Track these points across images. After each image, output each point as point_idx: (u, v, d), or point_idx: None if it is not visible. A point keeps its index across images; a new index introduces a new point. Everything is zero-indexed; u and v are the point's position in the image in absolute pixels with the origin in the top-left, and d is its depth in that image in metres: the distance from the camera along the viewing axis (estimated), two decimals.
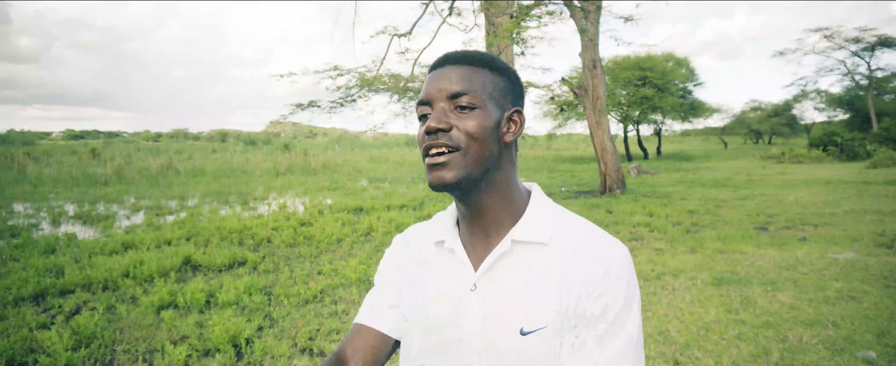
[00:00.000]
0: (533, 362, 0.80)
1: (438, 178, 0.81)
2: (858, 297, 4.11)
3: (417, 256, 0.96)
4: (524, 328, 0.81)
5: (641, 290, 4.61)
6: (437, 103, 0.84)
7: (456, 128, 0.82)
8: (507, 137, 0.86)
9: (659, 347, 3.26)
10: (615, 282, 0.80)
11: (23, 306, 4.57)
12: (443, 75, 0.84)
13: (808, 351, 3.11)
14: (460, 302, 0.86)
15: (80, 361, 3.35)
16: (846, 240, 6.65)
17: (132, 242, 7.09)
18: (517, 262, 0.85)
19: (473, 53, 0.88)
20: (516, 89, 0.91)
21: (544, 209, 0.89)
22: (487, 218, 0.87)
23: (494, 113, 0.84)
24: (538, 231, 0.85)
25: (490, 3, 6.35)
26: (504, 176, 0.87)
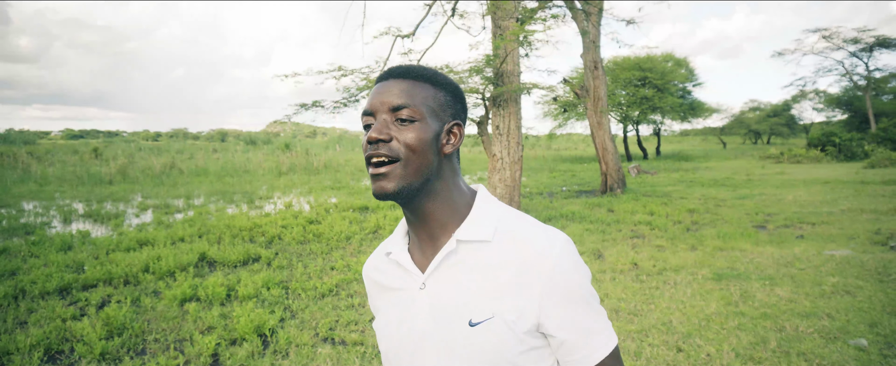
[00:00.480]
0: (484, 350, 0.85)
1: (380, 188, 0.86)
2: (853, 291, 4.30)
3: (377, 275, 1.01)
4: (473, 320, 0.85)
5: (643, 285, 4.80)
6: (379, 115, 0.88)
7: (396, 139, 0.86)
8: (447, 148, 0.91)
9: (662, 336, 3.45)
10: (570, 268, 0.85)
11: (49, 299, 4.75)
12: (386, 88, 0.89)
13: (803, 340, 3.29)
14: (412, 302, 0.92)
15: (113, 349, 3.53)
16: (842, 238, 6.84)
17: (147, 239, 7.27)
18: (462, 259, 0.89)
19: (416, 68, 0.92)
20: (457, 104, 0.94)
21: (488, 209, 0.93)
22: (432, 223, 0.92)
23: (433, 126, 0.89)
24: (481, 230, 0.89)
25: (497, 6, 6.52)
26: (445, 184, 0.91)
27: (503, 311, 0.84)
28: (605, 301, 4.31)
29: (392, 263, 0.97)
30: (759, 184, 14.27)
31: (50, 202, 12.41)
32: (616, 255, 6.04)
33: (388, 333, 0.95)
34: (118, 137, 75.40)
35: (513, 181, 6.86)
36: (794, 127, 46.42)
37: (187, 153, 31.89)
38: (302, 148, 36.26)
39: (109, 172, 19.10)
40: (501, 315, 0.84)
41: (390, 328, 0.94)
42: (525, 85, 7.05)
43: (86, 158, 27.83)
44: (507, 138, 6.74)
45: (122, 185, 16.93)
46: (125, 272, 5.47)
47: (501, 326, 0.84)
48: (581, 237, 7.18)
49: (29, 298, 4.79)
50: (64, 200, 13.05)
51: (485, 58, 6.65)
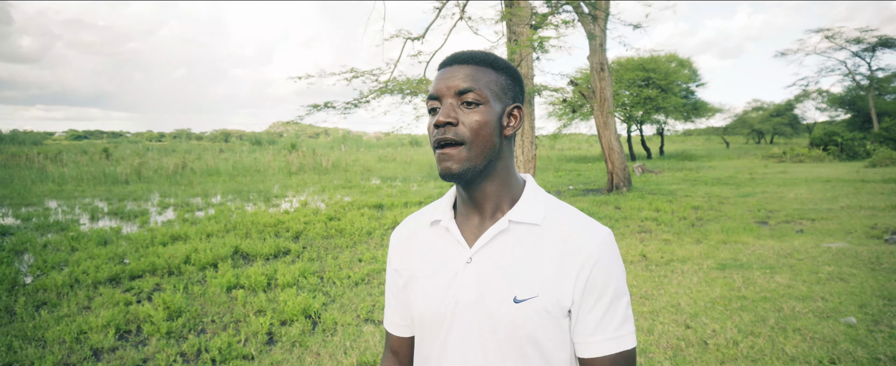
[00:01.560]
0: (525, 327, 0.88)
1: (446, 169, 0.90)
2: (846, 278, 4.67)
3: (414, 241, 1.04)
4: (517, 297, 0.89)
5: (652, 274, 5.17)
6: (445, 99, 0.92)
7: (462, 123, 0.90)
8: (508, 130, 0.95)
9: (672, 315, 3.83)
10: (609, 260, 0.89)
11: (102, 287, 5.14)
12: (451, 73, 0.93)
13: (799, 318, 3.67)
14: (456, 275, 0.94)
15: (177, 329, 3.92)
16: (840, 232, 7.19)
17: (179, 234, 7.67)
18: (511, 239, 0.93)
19: (478, 54, 0.95)
20: (516, 86, 0.98)
21: (538, 195, 0.98)
22: (488, 202, 0.96)
23: (497, 108, 0.92)
24: (532, 213, 0.93)
25: (512, 13, 6.90)
26: (504, 165, 0.96)
27: (546, 291, 0.88)
28: None
29: (438, 231, 1.00)
30: (761, 182, 14.61)
31: (73, 201, 12.82)
32: (625, 247, 6.41)
33: (428, 300, 0.97)
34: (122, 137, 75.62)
35: None
36: (798, 127, 46.62)
37: (195, 153, 32.29)
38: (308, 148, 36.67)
39: (125, 172, 19.51)
40: (544, 295, 0.88)
41: (432, 296, 0.97)
42: (538, 87, 7.43)
43: (96, 159, 28.26)
44: (521, 138, 7.12)
45: (138, 184, 17.33)
46: (167, 264, 5.86)
47: (543, 305, 0.88)
48: None
49: (83, 286, 5.18)
50: (85, 198, 13.45)
51: None
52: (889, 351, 3.07)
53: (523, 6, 6.98)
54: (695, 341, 3.37)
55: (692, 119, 30.90)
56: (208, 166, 23.01)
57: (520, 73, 1.01)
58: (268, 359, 3.40)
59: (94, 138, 70.70)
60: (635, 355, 0.92)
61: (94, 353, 3.60)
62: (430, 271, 0.98)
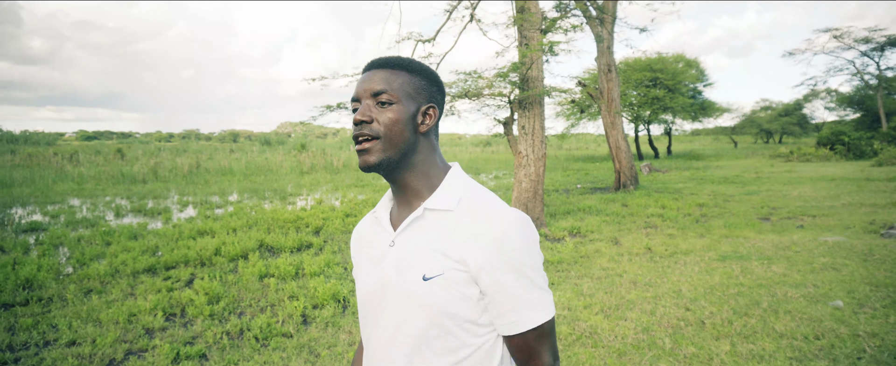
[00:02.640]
0: (434, 302, 0.96)
1: (364, 161, 1.00)
2: (839, 268, 4.96)
3: (363, 231, 1.16)
4: (426, 275, 0.96)
5: (656, 264, 5.49)
6: (364, 100, 1.01)
7: (376, 120, 0.99)
8: (422, 127, 1.03)
9: (673, 300, 4.15)
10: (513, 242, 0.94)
11: (141, 276, 5.53)
12: (369, 77, 1.02)
13: (790, 302, 3.98)
14: (382, 256, 1.04)
15: (218, 311, 4.29)
16: (839, 227, 7.47)
17: (204, 229, 8.05)
18: (427, 224, 1.01)
19: (394, 59, 1.04)
20: (432, 87, 1.06)
21: (456, 183, 1.04)
22: (409, 192, 1.04)
23: (410, 107, 1.01)
24: (446, 201, 1.00)
25: (523, 18, 7.23)
26: (422, 158, 1.03)
27: (451, 270, 0.95)
28: (623, 277, 5.01)
29: (375, 222, 1.11)
30: (767, 181, 14.84)
31: (95, 199, 13.26)
32: (631, 241, 6.72)
33: (361, 282, 1.08)
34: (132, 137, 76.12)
35: (537, 176, 7.56)
36: (806, 126, 46.54)
37: (206, 153, 32.79)
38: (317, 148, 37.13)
39: (142, 171, 19.97)
40: (449, 273, 0.95)
41: (364, 278, 1.08)
42: (548, 89, 7.76)
43: (110, 159, 28.80)
44: (532, 137, 7.45)
45: (155, 183, 17.78)
46: (199, 255, 6.24)
47: (448, 282, 0.95)
48: (599, 227, 7.87)
49: (123, 275, 5.57)
50: (106, 197, 13.89)
51: (512, 65, 7.35)
52: (869, 329, 3.38)
53: (534, 11, 7.31)
54: (693, 321, 3.70)
55: (700, 119, 31.06)
56: (221, 166, 23.44)
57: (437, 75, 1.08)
58: (306, 336, 3.75)
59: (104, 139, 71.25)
60: (552, 325, 0.99)
61: (146, 331, 3.97)
62: (365, 256, 1.10)
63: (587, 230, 7.66)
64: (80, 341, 3.77)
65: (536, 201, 7.69)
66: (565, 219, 8.70)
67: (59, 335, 3.88)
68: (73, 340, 3.78)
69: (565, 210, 9.69)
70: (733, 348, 3.20)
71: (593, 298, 4.35)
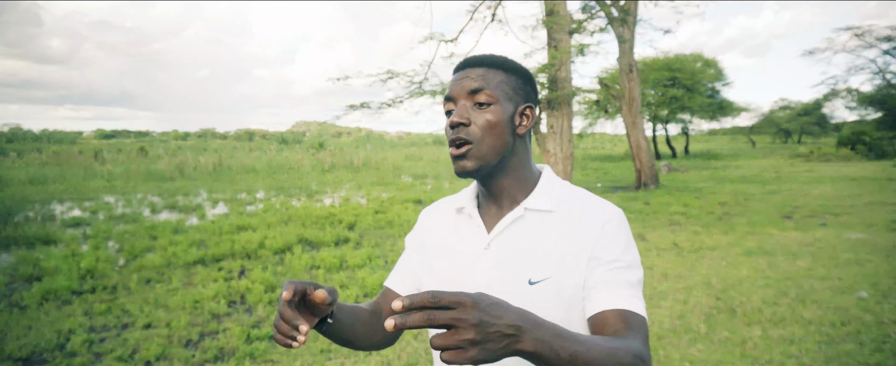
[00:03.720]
0: (538, 307, 0.90)
1: (461, 166, 0.95)
2: (863, 263, 5.16)
3: (440, 223, 1.09)
4: (532, 279, 0.92)
5: (684, 259, 5.71)
6: (459, 100, 0.96)
7: (474, 123, 0.94)
8: (520, 129, 0.98)
9: (704, 290, 4.39)
10: (616, 233, 0.92)
11: (193, 268, 5.87)
12: (464, 76, 0.97)
13: (817, 293, 4.20)
14: (473, 259, 0.99)
15: (276, 298, 4.60)
16: (862, 226, 7.62)
17: (243, 224, 8.41)
18: (527, 225, 0.97)
19: (489, 57, 0.99)
20: (528, 86, 1.01)
21: (553, 183, 1.02)
22: (504, 195, 1.00)
23: (508, 108, 0.96)
24: (546, 201, 0.97)
25: (552, 21, 7.48)
26: (518, 161, 1.00)
27: (559, 273, 0.92)
28: (653, 270, 5.25)
29: (462, 218, 1.05)
30: (787, 180, 14.92)
31: (127, 196, 13.71)
32: (657, 237, 6.95)
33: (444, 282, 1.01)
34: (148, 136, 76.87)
35: (565, 174, 7.81)
36: (826, 126, 46.03)
37: (226, 152, 33.34)
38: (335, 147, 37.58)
39: (169, 169, 20.49)
40: (557, 276, 0.92)
41: (448, 277, 1.01)
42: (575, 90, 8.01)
43: (132, 157, 29.44)
44: (560, 136, 7.70)
45: (182, 181, 18.25)
46: (244, 249, 6.58)
47: (557, 286, 0.92)
48: None
49: (176, 267, 5.91)
50: (137, 194, 14.34)
51: (541, 66, 7.61)
52: (892, 317, 3.60)
53: (563, 14, 7.56)
54: (724, 309, 3.94)
55: (718, 118, 31.00)
56: (243, 164, 23.91)
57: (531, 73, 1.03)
58: None
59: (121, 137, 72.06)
60: (646, 326, 0.88)
61: (213, 316, 4.29)
62: (450, 253, 1.03)
63: None
64: (155, 323, 4.11)
65: None
66: None
67: (134, 319, 4.21)
68: (148, 323, 4.12)
69: None
70: (765, 332, 3.44)
71: None
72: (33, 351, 3.61)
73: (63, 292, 4.88)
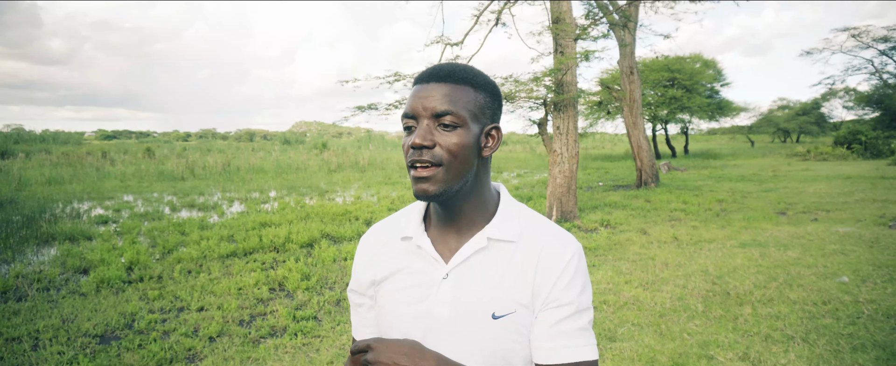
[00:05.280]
0: (503, 342, 0.90)
1: (422, 190, 0.89)
2: (848, 253, 5.62)
3: (384, 254, 1.01)
4: (496, 313, 0.90)
5: (683, 250, 6.17)
6: (422, 120, 0.89)
7: (439, 145, 0.88)
8: (485, 151, 0.94)
9: (701, 276, 4.85)
10: (575, 275, 0.91)
11: (227, 260, 6.32)
12: (428, 92, 0.89)
13: (803, 278, 4.65)
14: (430, 290, 0.94)
15: (312, 286, 5.06)
16: (851, 220, 8.07)
17: (265, 221, 8.86)
18: (488, 256, 0.93)
19: (458, 71, 0.92)
20: (495, 104, 0.95)
21: (513, 210, 0.97)
22: (463, 219, 0.95)
23: (474, 129, 0.90)
24: (508, 231, 0.93)
25: (559, 28, 7.93)
26: (479, 184, 0.95)
27: (523, 307, 0.90)
28: (655, 260, 5.70)
29: (409, 247, 0.98)
30: (783, 179, 15.38)
31: (144, 195, 14.16)
32: (658, 232, 7.41)
33: (399, 317, 0.96)
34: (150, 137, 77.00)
35: (570, 173, 8.27)
36: (824, 125, 46.46)
37: (230, 152, 33.76)
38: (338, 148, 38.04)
39: (180, 169, 20.93)
40: (521, 310, 0.90)
41: (402, 310, 0.96)
42: (580, 92, 8.46)
43: (139, 158, 29.86)
44: (566, 137, 8.16)
45: (194, 181, 18.68)
46: (272, 242, 7.03)
47: (520, 320, 0.90)
48: (627, 220, 8.55)
49: (212, 259, 6.37)
50: (153, 193, 14.78)
51: (548, 70, 8.06)
52: (869, 297, 4.06)
53: (569, 21, 8.01)
54: (720, 292, 4.39)
55: (717, 118, 31.46)
56: (251, 165, 24.33)
57: (498, 88, 0.98)
58: None
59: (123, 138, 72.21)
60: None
61: (258, 301, 4.75)
62: (401, 286, 0.97)
63: (616, 222, 8.35)
64: (207, 307, 4.56)
65: (570, 196, 8.40)
66: (595, 213, 9.38)
67: (186, 303, 4.67)
68: (201, 306, 4.57)
69: (593, 205, 10.37)
70: (754, 310, 3.90)
71: (631, 275, 5.06)
72: (105, 330, 4.07)
73: (115, 281, 5.33)
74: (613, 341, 3.47)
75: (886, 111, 36.48)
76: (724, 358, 3.08)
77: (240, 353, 3.57)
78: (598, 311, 4.11)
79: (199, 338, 3.85)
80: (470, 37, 14.09)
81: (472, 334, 0.90)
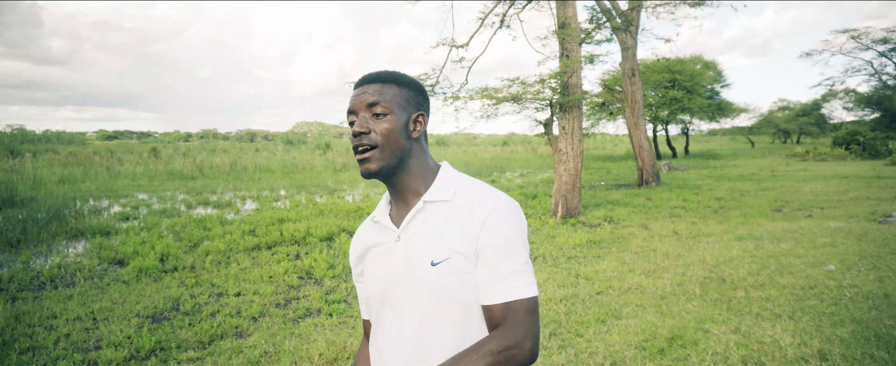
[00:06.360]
0: (443, 285, 1.06)
1: (365, 169, 1.09)
2: (837, 245, 6.00)
3: (365, 235, 1.23)
4: (433, 260, 1.06)
5: (683, 243, 6.55)
6: (360, 113, 1.11)
7: (374, 131, 1.09)
8: (414, 133, 1.14)
9: (699, 265, 5.23)
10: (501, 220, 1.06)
11: (253, 252, 6.70)
12: (362, 91, 1.12)
13: (793, 266, 5.04)
14: (390, 251, 1.13)
15: (338, 274, 5.44)
16: (843, 217, 8.45)
17: (282, 217, 9.24)
18: (428, 215, 1.11)
19: (383, 73, 1.14)
20: (419, 97, 1.16)
21: (450, 177, 1.16)
22: (406, 192, 1.15)
23: (402, 117, 1.11)
24: (442, 192, 1.11)
25: (565, 33, 8.32)
26: (416, 161, 1.14)
27: (456, 253, 1.05)
28: (656, 252, 6.08)
29: (377, 225, 1.18)
30: (781, 178, 15.76)
31: (159, 194, 14.53)
32: (660, 227, 7.79)
33: (372, 279, 1.16)
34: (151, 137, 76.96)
35: (575, 170, 8.65)
36: (824, 126, 46.81)
37: (234, 153, 34.10)
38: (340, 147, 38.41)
39: (189, 169, 21.31)
40: (455, 257, 1.05)
41: (374, 275, 1.15)
42: (584, 94, 8.85)
43: (145, 158, 30.23)
44: (571, 137, 8.54)
45: (204, 180, 19.05)
46: (293, 236, 7.42)
47: (454, 265, 1.05)
48: (629, 216, 8.94)
49: (237, 251, 6.75)
50: (165, 192, 15.15)
51: (554, 73, 8.45)
52: (852, 282, 4.44)
53: (574, 26, 8.40)
54: (716, 278, 4.78)
55: (717, 119, 31.83)
56: (257, 164, 24.70)
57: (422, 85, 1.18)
58: None
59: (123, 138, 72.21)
60: (535, 305, 1.05)
61: (290, 287, 5.13)
62: (372, 257, 1.17)
63: (619, 218, 8.74)
64: (244, 292, 4.95)
65: (575, 193, 8.78)
66: (598, 210, 9.77)
67: (224, 290, 5.06)
68: (238, 292, 4.96)
69: (596, 203, 10.76)
70: (747, 294, 4.28)
71: (634, 265, 5.45)
72: (154, 311, 4.46)
73: (152, 270, 5.72)
74: (619, 319, 3.85)
75: (886, 112, 36.84)
76: (718, 331, 3.46)
77: (283, 330, 3.96)
78: (604, 294, 4.50)
79: (242, 318, 4.24)
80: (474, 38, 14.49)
81: (419, 280, 1.07)
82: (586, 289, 4.65)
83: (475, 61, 15.05)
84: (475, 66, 14.39)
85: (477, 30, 13.47)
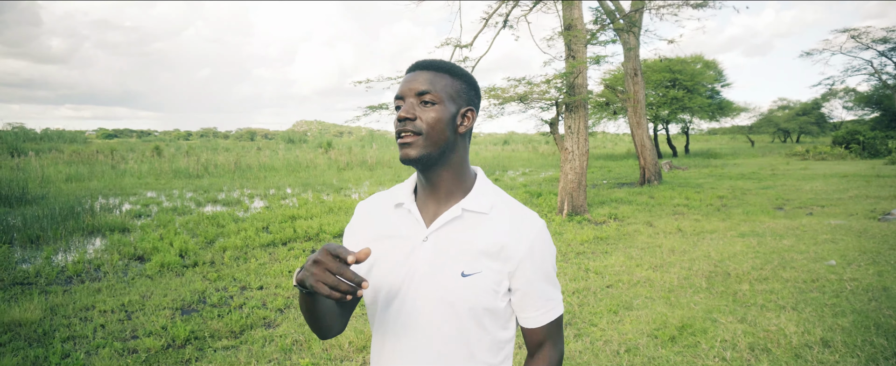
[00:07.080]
0: (469, 298, 1.06)
1: (405, 154, 1.07)
2: (837, 241, 6.18)
3: (379, 215, 1.19)
4: (464, 272, 1.06)
5: (687, 239, 6.73)
6: (408, 99, 1.09)
7: (420, 118, 1.06)
8: (461, 128, 1.11)
9: (704, 260, 5.42)
10: (542, 248, 1.10)
11: (268, 248, 6.88)
12: (413, 77, 1.10)
13: (795, 261, 5.22)
14: (413, 250, 1.10)
15: None
16: (844, 215, 8.64)
17: (293, 214, 9.42)
18: (463, 224, 1.10)
19: (437, 62, 1.12)
20: (471, 92, 1.14)
21: (487, 187, 1.15)
22: (442, 189, 1.12)
23: (451, 108, 1.09)
24: (482, 203, 1.11)
25: (571, 35, 8.50)
26: (457, 158, 1.12)
27: (488, 270, 1.06)
28: (661, 247, 6.27)
29: (401, 212, 1.15)
30: (782, 177, 15.94)
31: (167, 192, 14.70)
32: (664, 224, 7.97)
33: (386, 272, 1.12)
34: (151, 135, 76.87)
35: (581, 169, 8.84)
36: (824, 125, 46.94)
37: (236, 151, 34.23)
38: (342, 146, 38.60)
39: (195, 167, 21.47)
40: (487, 273, 1.06)
41: (388, 268, 1.11)
42: (589, 93, 9.03)
43: (148, 156, 30.38)
44: (577, 136, 8.72)
45: (210, 178, 19.20)
46: (306, 232, 7.60)
47: (486, 280, 1.06)
48: (633, 214, 9.12)
49: (253, 247, 6.93)
50: (173, 190, 15.32)
51: (560, 74, 8.63)
52: (852, 276, 4.62)
53: (579, 28, 8.58)
54: (721, 273, 4.96)
55: (717, 118, 32.01)
56: (262, 163, 24.85)
57: (476, 80, 1.16)
58: None
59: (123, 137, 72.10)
60: (562, 319, 1.16)
61: None
62: (389, 246, 1.12)
63: (623, 216, 8.92)
64: (266, 286, 5.13)
65: (580, 191, 8.96)
66: (602, 207, 9.95)
67: (247, 283, 5.24)
68: (260, 285, 5.14)
69: (600, 201, 10.94)
70: (751, 287, 4.47)
71: (641, 260, 5.63)
72: (182, 304, 4.64)
73: (174, 265, 5.90)
74: (630, 310, 4.03)
75: (885, 112, 37.02)
76: (726, 321, 3.64)
77: None
78: (614, 287, 4.68)
79: (269, 309, 4.42)
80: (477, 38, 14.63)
81: (446, 288, 1.06)
82: (597, 282, 4.84)
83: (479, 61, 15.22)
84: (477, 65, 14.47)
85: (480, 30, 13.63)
